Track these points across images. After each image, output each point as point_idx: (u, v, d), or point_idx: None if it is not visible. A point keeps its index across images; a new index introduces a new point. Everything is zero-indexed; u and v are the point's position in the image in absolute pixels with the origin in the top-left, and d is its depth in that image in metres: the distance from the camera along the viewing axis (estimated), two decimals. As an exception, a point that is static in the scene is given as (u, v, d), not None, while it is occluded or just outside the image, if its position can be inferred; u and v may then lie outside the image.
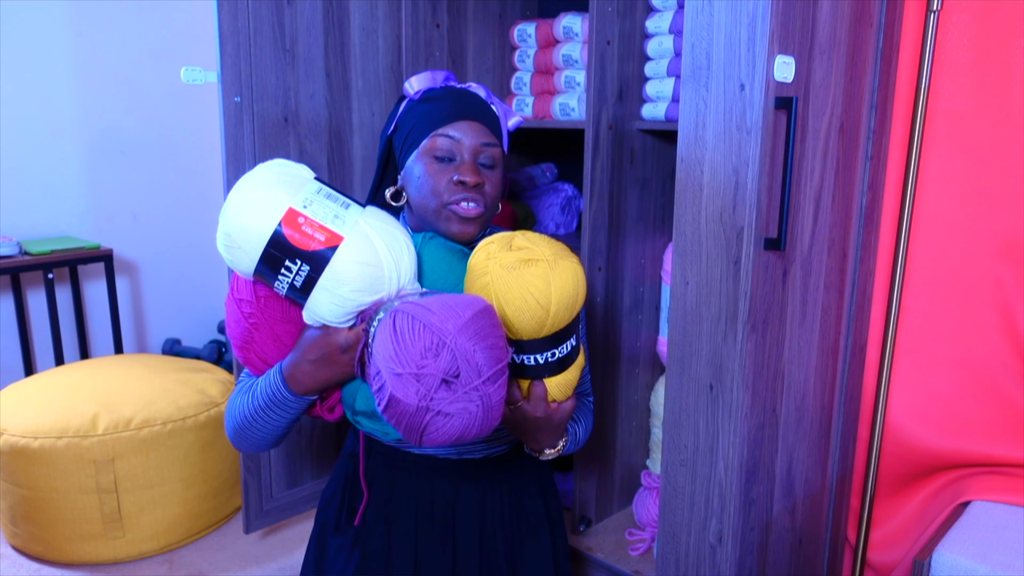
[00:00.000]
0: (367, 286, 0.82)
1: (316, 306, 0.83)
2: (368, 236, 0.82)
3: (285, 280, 0.82)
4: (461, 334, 0.69)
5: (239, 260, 0.83)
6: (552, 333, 0.81)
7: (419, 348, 0.69)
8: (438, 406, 0.69)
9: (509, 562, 1.06)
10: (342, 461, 1.10)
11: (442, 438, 0.71)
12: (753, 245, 1.07)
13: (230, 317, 0.92)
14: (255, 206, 0.81)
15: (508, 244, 0.82)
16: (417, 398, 0.69)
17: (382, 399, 0.71)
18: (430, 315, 0.71)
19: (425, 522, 1.03)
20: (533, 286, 0.78)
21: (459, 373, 0.69)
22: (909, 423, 1.49)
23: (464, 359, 0.69)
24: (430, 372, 0.68)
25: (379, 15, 1.78)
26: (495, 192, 0.97)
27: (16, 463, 1.79)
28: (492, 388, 0.70)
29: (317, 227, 0.81)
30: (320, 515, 1.11)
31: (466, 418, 0.70)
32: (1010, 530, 1.29)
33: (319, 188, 0.85)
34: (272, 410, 0.92)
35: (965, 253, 1.41)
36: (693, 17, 1.09)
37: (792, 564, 1.39)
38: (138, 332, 2.92)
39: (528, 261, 0.79)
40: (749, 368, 1.12)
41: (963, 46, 1.36)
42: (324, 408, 0.96)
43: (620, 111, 1.62)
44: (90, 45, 2.60)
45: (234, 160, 1.58)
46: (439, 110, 0.95)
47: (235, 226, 0.82)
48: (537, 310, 0.78)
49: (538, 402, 0.85)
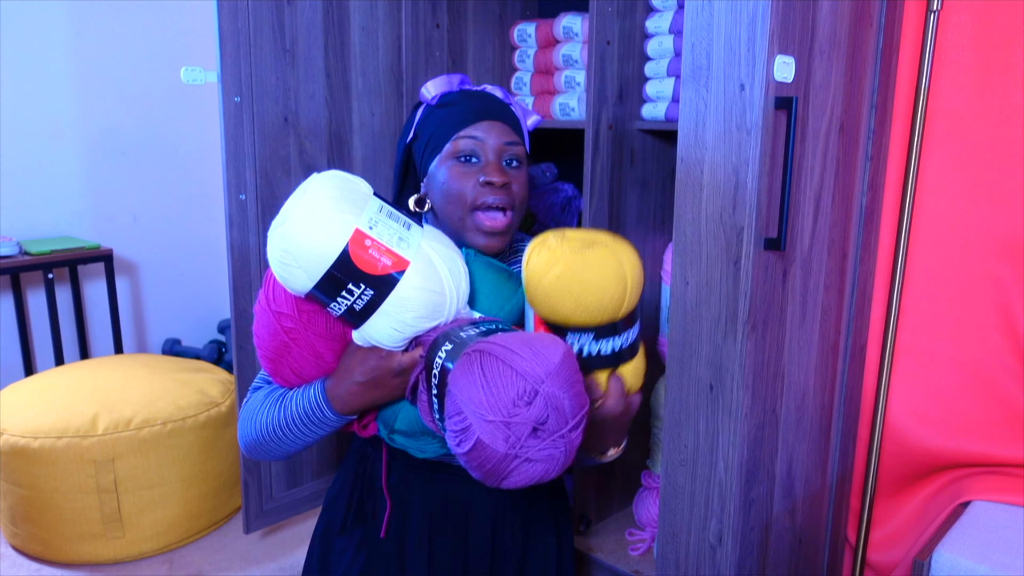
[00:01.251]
0: (429, 312, 0.79)
1: (373, 330, 0.80)
2: (432, 261, 0.80)
3: (344, 303, 0.78)
4: (552, 382, 0.68)
5: (295, 279, 0.79)
6: (628, 313, 0.80)
7: (512, 395, 0.68)
8: (526, 453, 0.68)
9: (517, 560, 1.06)
10: (350, 461, 1.09)
11: (522, 482, 0.70)
12: (753, 245, 1.07)
13: (263, 328, 0.88)
14: (321, 225, 0.76)
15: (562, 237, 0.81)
16: (507, 446, 0.67)
17: (466, 442, 0.69)
18: (521, 360, 0.69)
19: (438, 523, 1.03)
20: (608, 265, 0.77)
21: (547, 420, 0.68)
22: (909, 423, 1.49)
23: (554, 407, 0.68)
24: (521, 421, 0.67)
25: (379, 15, 1.78)
26: (523, 192, 0.95)
27: (16, 463, 1.79)
28: (576, 433, 0.70)
29: (384, 250, 0.78)
30: (325, 514, 1.10)
31: (549, 464, 0.69)
32: (1010, 530, 1.29)
33: (381, 206, 0.81)
34: (306, 426, 0.89)
35: (965, 253, 1.41)
36: (693, 17, 1.09)
37: (792, 564, 1.39)
38: (138, 332, 2.92)
39: (592, 244, 0.79)
40: (749, 368, 1.12)
41: (963, 46, 1.36)
42: (359, 425, 0.94)
43: (620, 111, 1.62)
44: (90, 45, 2.60)
45: (234, 160, 1.58)
46: (459, 112, 0.94)
47: (296, 245, 0.77)
48: (618, 288, 0.77)
49: (619, 399, 0.82)
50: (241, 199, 1.61)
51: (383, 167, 1.88)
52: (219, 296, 3.06)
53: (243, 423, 0.95)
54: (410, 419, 0.91)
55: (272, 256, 0.79)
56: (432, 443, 0.94)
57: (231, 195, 1.59)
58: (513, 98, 1.00)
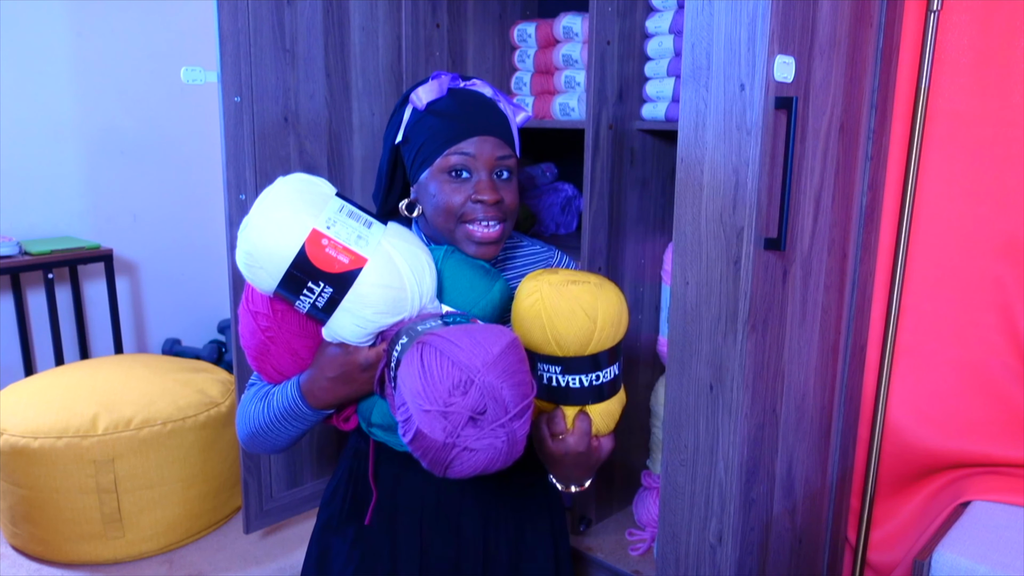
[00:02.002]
0: (389, 308, 0.82)
1: (337, 326, 0.83)
2: (391, 258, 0.82)
3: (307, 300, 0.82)
4: (489, 371, 0.69)
5: (260, 279, 0.83)
6: (597, 352, 0.82)
7: (447, 385, 0.69)
8: (464, 442, 0.69)
9: (511, 556, 1.06)
10: (346, 458, 1.10)
11: (467, 471, 0.72)
12: (753, 245, 1.07)
13: (244, 328, 0.92)
14: (278, 227, 0.80)
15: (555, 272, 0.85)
16: (444, 435, 0.69)
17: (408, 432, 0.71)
18: (458, 351, 0.70)
19: (430, 519, 1.04)
20: (582, 299, 0.80)
21: (486, 410, 0.69)
22: (909, 423, 1.49)
23: (491, 396, 0.69)
24: (457, 410, 0.69)
25: (379, 15, 1.78)
26: (514, 202, 0.98)
27: (16, 463, 1.79)
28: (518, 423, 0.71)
29: (341, 249, 0.80)
30: (323, 512, 1.11)
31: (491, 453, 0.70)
32: (1010, 530, 1.29)
33: (341, 206, 0.84)
34: (288, 421, 0.93)
35: (965, 253, 1.41)
36: (693, 17, 1.09)
37: (792, 564, 1.39)
38: (138, 332, 2.92)
39: (576, 281, 0.82)
40: (749, 368, 1.12)
41: (963, 46, 1.36)
42: (339, 419, 0.97)
43: (620, 111, 1.62)
44: (90, 45, 2.60)
45: (234, 160, 1.58)
46: (452, 126, 0.94)
47: (257, 246, 0.80)
48: (585, 321, 0.80)
49: (582, 436, 0.84)
50: (241, 199, 1.61)
51: (383, 167, 1.88)
52: (219, 296, 3.06)
53: (239, 419, 0.99)
54: (384, 412, 0.94)
55: (239, 258, 0.83)
56: None
57: (231, 195, 1.59)
58: (501, 96, 1.00)
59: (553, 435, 0.85)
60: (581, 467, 0.88)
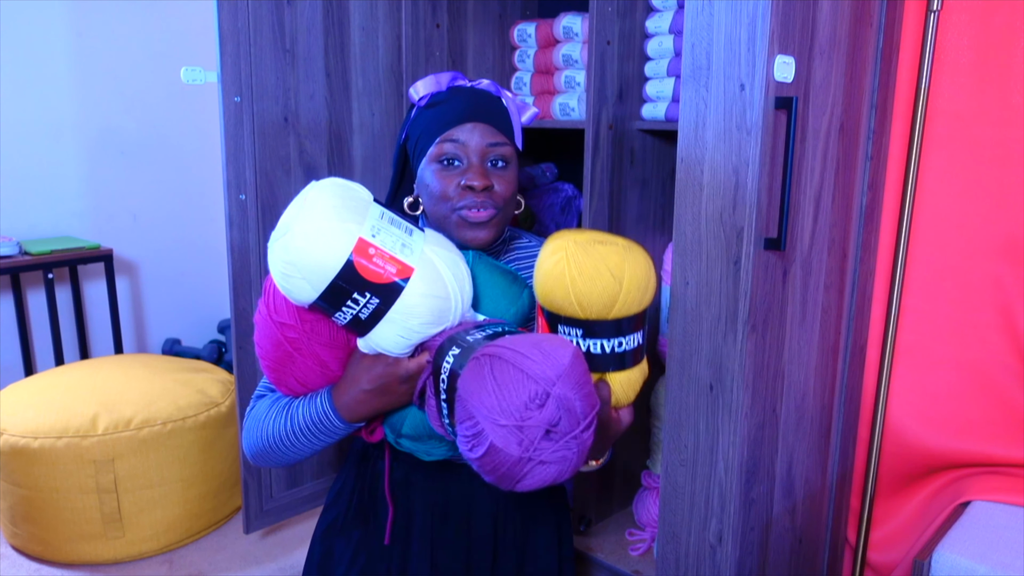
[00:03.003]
0: (435, 318, 0.79)
1: (379, 338, 0.80)
2: (435, 266, 0.80)
3: (349, 312, 0.78)
4: (564, 383, 0.68)
5: (298, 290, 0.78)
6: (621, 317, 0.79)
7: (523, 399, 0.67)
8: (540, 456, 0.68)
9: (518, 557, 1.06)
10: (352, 460, 1.09)
11: (536, 484, 0.70)
12: (753, 245, 1.07)
13: (265, 338, 0.86)
14: (323, 236, 0.75)
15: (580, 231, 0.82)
16: (520, 449, 0.67)
17: (479, 447, 0.69)
18: (531, 363, 0.68)
19: (440, 522, 1.03)
20: (609, 259, 0.77)
21: (559, 422, 0.68)
22: (909, 423, 1.48)
23: (566, 409, 0.68)
24: (534, 424, 0.67)
25: (379, 15, 1.78)
26: (508, 191, 0.95)
27: (16, 463, 1.79)
28: (588, 433, 0.69)
29: (388, 258, 0.77)
30: (326, 513, 1.10)
31: (563, 465, 0.69)
32: (1010, 530, 1.29)
33: (382, 212, 0.80)
34: (315, 435, 0.89)
35: (965, 253, 1.41)
36: (693, 17, 1.09)
37: (792, 564, 1.39)
38: (138, 332, 2.92)
39: (603, 242, 0.79)
40: (749, 368, 1.12)
41: (963, 46, 1.36)
42: (366, 431, 0.93)
43: (620, 111, 1.62)
44: (90, 45, 2.60)
45: (234, 160, 1.58)
46: (443, 114, 0.94)
47: (300, 256, 0.75)
48: (611, 282, 0.76)
49: (603, 405, 0.81)
50: (241, 199, 1.61)
51: (383, 167, 1.88)
52: (219, 296, 3.06)
53: (248, 432, 0.95)
54: (416, 423, 0.91)
55: (274, 268, 0.78)
56: (440, 446, 0.94)
57: (231, 195, 1.59)
58: (507, 94, 0.99)
59: None
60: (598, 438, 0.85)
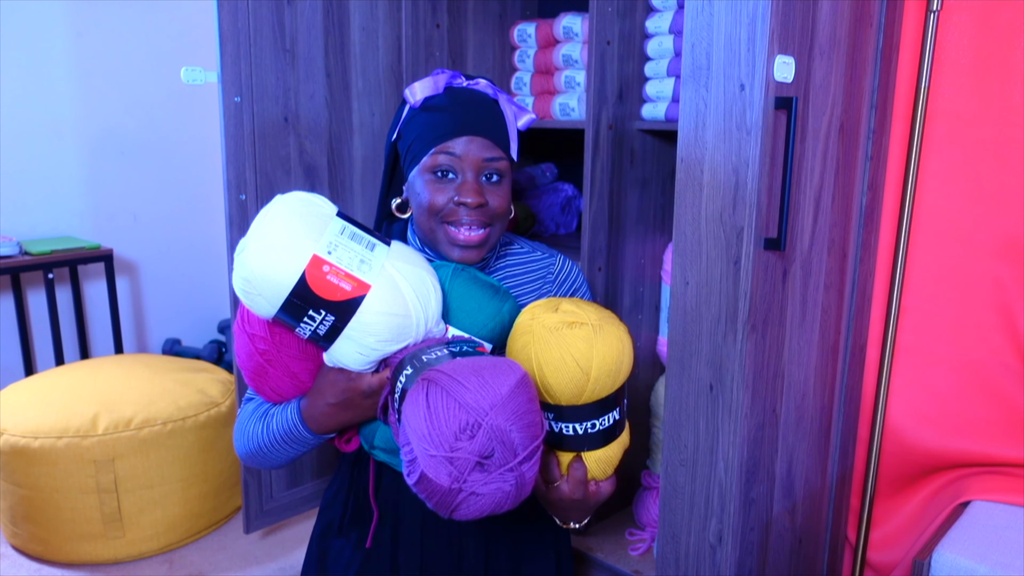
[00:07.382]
0: (394, 336, 0.79)
1: (339, 354, 0.80)
2: (396, 283, 0.79)
3: (308, 327, 0.78)
4: (498, 414, 0.66)
5: (258, 306, 0.79)
6: (593, 401, 0.77)
7: (453, 429, 0.65)
8: (471, 488, 0.66)
9: (513, 557, 1.06)
10: (345, 463, 1.10)
11: (473, 514, 0.68)
12: (753, 245, 1.07)
13: (241, 349, 0.88)
14: (276, 252, 0.75)
15: (554, 307, 0.79)
16: (449, 480, 0.65)
17: (412, 474, 0.68)
18: (464, 391, 0.66)
19: (431, 524, 1.03)
20: (574, 347, 0.74)
21: (493, 453, 0.66)
22: (909, 423, 1.48)
23: (499, 440, 0.65)
24: (464, 455, 0.65)
25: (379, 15, 1.78)
26: (502, 206, 0.94)
27: (16, 463, 1.79)
28: (527, 466, 0.67)
29: (343, 275, 0.76)
30: (323, 515, 1.11)
31: (499, 497, 0.67)
32: (1010, 530, 1.29)
33: (343, 227, 0.80)
34: (287, 444, 0.91)
35: (965, 253, 1.41)
36: (693, 17, 1.09)
37: (792, 564, 1.39)
38: (138, 332, 2.92)
39: (572, 324, 0.76)
40: (749, 368, 1.12)
41: (963, 46, 1.36)
42: (341, 440, 0.94)
43: (620, 111, 1.62)
44: (90, 45, 2.60)
45: (234, 160, 1.58)
46: (441, 124, 0.92)
47: (255, 273, 0.76)
48: (576, 373, 0.75)
49: (577, 485, 0.80)
50: (241, 199, 1.61)
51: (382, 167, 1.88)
52: (219, 296, 3.06)
53: (237, 435, 0.97)
54: (387, 436, 0.91)
55: (236, 283, 0.79)
56: None
57: (231, 195, 1.59)
58: (505, 97, 0.97)
59: (546, 481, 0.82)
60: (577, 510, 0.85)
